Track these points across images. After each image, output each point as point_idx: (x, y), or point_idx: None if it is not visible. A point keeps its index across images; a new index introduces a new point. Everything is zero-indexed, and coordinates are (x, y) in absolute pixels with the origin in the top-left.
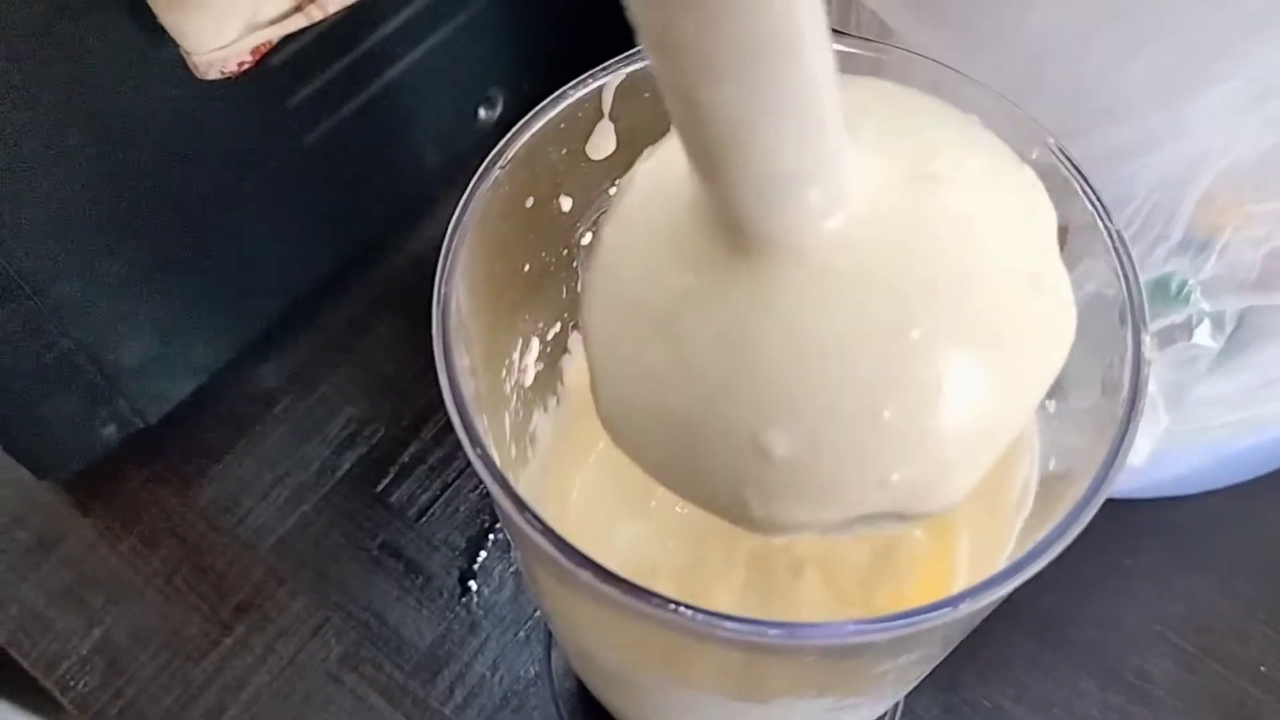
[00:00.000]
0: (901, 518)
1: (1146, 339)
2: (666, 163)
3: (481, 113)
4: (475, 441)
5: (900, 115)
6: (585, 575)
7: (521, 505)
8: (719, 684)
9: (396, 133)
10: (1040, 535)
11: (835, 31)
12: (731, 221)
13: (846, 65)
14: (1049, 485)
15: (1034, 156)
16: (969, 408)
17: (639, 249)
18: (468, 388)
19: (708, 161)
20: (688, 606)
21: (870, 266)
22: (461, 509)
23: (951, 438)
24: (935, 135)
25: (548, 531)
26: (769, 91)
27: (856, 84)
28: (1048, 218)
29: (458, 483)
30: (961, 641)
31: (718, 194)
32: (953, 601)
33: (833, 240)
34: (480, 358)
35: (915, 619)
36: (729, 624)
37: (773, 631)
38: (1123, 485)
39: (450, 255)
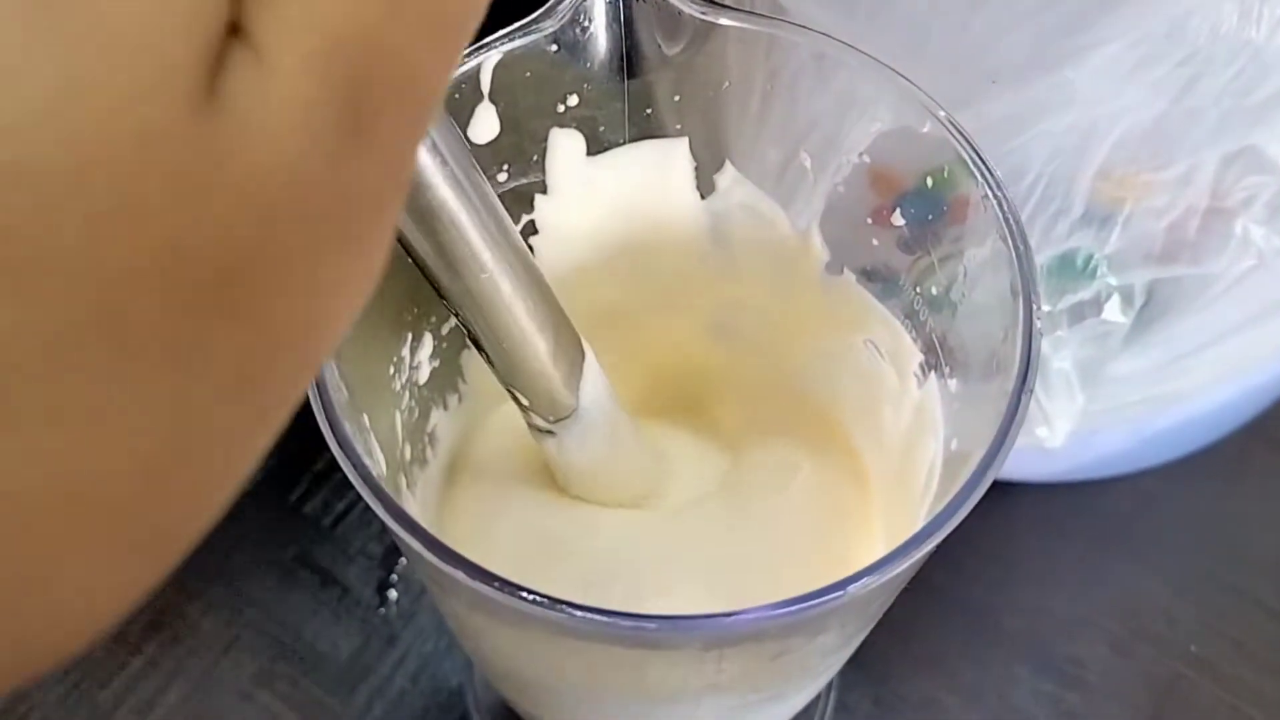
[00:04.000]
0: None
1: (1038, 310)
2: None
3: None
4: (342, 441)
5: None
6: (459, 574)
7: (385, 499)
8: (617, 682)
9: None
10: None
11: (728, 8)
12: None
13: (742, 39)
14: (951, 466)
15: (926, 129)
16: None
17: None
18: (333, 382)
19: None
20: (566, 603)
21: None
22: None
23: None
24: None
25: (409, 524)
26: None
27: None
28: None
29: None
30: (892, 633)
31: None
32: (837, 588)
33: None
34: (357, 352)
35: (795, 607)
36: (613, 619)
37: (651, 625)
38: (1046, 469)
39: None
